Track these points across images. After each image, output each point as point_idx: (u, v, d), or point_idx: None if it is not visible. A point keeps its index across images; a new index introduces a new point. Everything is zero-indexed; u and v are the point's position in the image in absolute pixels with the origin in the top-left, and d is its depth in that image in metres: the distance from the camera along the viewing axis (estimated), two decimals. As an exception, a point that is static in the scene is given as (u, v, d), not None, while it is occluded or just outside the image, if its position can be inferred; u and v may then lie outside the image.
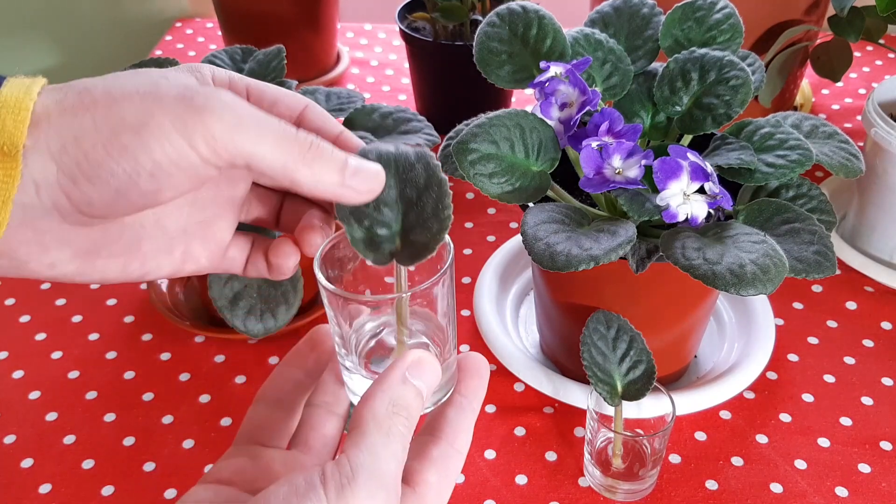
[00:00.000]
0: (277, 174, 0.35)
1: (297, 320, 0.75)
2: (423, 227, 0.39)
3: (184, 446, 0.68)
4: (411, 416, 0.37)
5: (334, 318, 0.40)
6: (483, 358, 0.43)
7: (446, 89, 1.03)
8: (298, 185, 0.36)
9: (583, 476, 0.66)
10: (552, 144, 0.58)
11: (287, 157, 0.35)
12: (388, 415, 0.36)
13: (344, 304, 0.39)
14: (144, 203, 0.35)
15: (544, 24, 0.63)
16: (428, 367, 0.38)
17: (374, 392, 0.37)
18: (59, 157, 0.33)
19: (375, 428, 0.35)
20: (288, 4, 1.08)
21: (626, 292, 0.64)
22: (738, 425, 0.70)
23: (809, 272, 0.53)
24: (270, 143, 0.35)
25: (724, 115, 0.60)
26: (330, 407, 0.44)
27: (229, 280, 0.70)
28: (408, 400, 0.37)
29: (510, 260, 0.82)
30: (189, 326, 0.76)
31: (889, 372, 0.74)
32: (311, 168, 0.36)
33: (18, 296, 0.83)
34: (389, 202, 0.39)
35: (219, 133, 0.33)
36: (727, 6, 0.65)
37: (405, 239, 0.39)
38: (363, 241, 0.39)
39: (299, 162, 0.35)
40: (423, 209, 0.39)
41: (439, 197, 0.39)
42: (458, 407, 0.41)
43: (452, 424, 0.40)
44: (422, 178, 0.39)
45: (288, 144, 0.35)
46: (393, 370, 0.38)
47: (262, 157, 0.35)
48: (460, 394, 0.41)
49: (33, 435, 0.70)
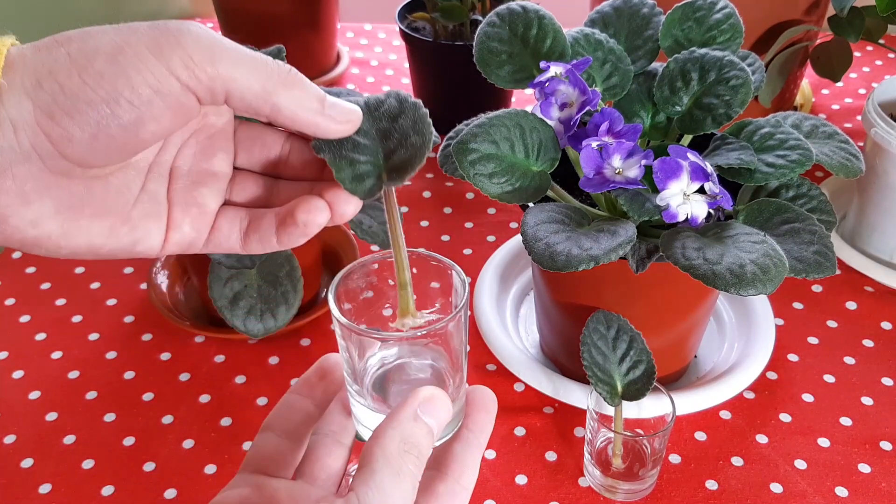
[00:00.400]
0: (258, 98, 0.35)
1: (297, 320, 0.75)
2: (405, 146, 0.38)
3: (184, 446, 0.68)
4: (422, 454, 0.37)
5: (346, 350, 0.40)
6: (491, 392, 0.42)
7: (446, 89, 1.03)
8: (279, 111, 0.35)
9: (583, 476, 0.66)
10: (552, 144, 0.58)
11: (267, 79, 0.35)
12: (399, 453, 0.36)
13: (357, 337, 0.39)
14: (126, 140, 0.34)
15: (544, 24, 0.63)
16: (439, 404, 0.38)
17: (385, 429, 0.37)
18: (35, 92, 0.32)
19: (386, 466, 0.35)
20: (288, 4, 1.08)
21: (626, 292, 0.64)
22: (738, 425, 0.70)
23: (809, 272, 0.53)
24: (249, 66, 0.34)
25: (724, 115, 0.60)
26: (336, 437, 0.44)
27: (229, 280, 0.70)
28: (418, 438, 0.37)
29: (510, 260, 0.82)
30: (189, 326, 0.76)
31: (889, 372, 0.74)
32: (291, 92, 0.35)
33: (18, 296, 0.83)
34: (366, 132, 0.39)
35: (196, 55, 0.33)
36: (727, 6, 0.65)
37: (390, 164, 0.38)
38: (349, 178, 0.38)
39: (279, 85, 0.35)
40: (402, 131, 0.38)
41: (416, 118, 0.38)
42: (465, 442, 0.41)
43: (459, 460, 0.40)
44: (394, 108, 0.39)
45: (266, 68, 0.35)
46: (404, 407, 0.37)
47: (241, 80, 0.34)
48: (468, 429, 0.41)
49: (33, 435, 0.70)
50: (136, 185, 0.37)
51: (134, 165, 0.37)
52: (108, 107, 0.32)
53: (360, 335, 0.38)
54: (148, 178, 0.37)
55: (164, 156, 0.38)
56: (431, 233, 0.90)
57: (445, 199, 0.94)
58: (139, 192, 0.37)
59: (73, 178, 0.34)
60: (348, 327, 0.38)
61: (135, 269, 0.86)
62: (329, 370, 0.45)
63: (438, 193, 0.95)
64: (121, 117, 0.32)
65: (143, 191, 0.37)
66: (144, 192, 0.37)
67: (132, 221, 0.37)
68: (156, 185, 0.38)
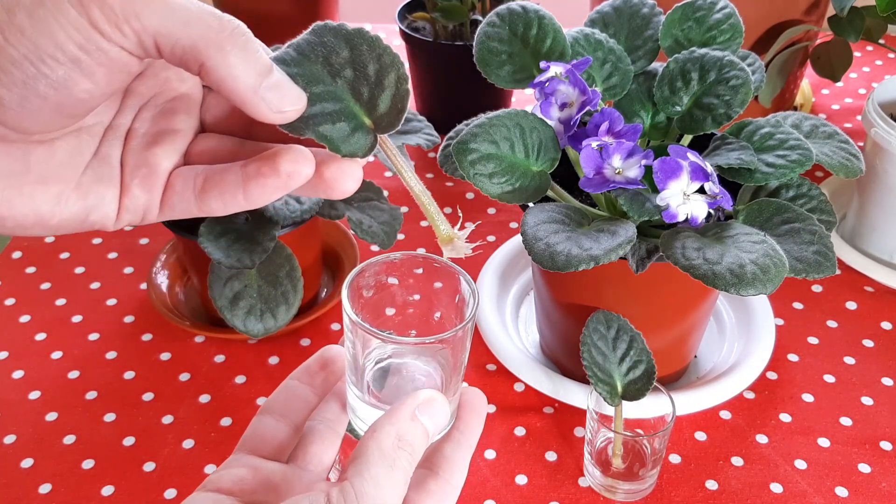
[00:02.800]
0: (186, 55, 0.31)
1: (297, 320, 0.75)
2: (378, 84, 0.35)
3: (184, 446, 0.68)
4: (415, 452, 0.37)
5: (351, 344, 0.40)
6: (482, 394, 0.43)
7: (446, 89, 1.03)
8: (207, 73, 0.31)
9: (583, 476, 0.66)
10: (552, 144, 0.58)
11: (200, 35, 0.31)
12: (394, 448, 0.36)
13: (365, 334, 0.39)
14: (60, 101, 0.31)
15: (544, 24, 0.63)
16: (438, 407, 0.38)
17: (383, 425, 0.37)
18: None
19: (380, 459, 0.36)
20: (288, 4, 1.08)
21: (626, 292, 0.64)
22: (738, 425, 0.70)
23: (809, 272, 0.53)
24: (180, 18, 0.31)
25: (724, 115, 0.60)
26: (331, 424, 0.44)
27: (229, 280, 0.70)
28: (414, 436, 0.37)
29: (510, 260, 0.82)
30: (189, 326, 0.76)
31: (889, 372, 0.74)
32: (225, 55, 0.31)
33: (18, 296, 0.83)
34: (323, 80, 0.35)
35: (118, 6, 0.30)
36: (727, 6, 0.65)
37: (375, 112, 0.35)
38: (337, 139, 0.34)
39: (212, 43, 0.31)
40: (364, 69, 0.35)
41: (371, 47, 0.35)
42: (455, 443, 0.41)
43: (449, 461, 0.40)
44: (342, 46, 0.35)
45: (202, 21, 0.31)
46: (403, 406, 0.38)
47: (169, 33, 0.31)
48: (458, 430, 0.41)
49: (33, 435, 0.70)
50: (88, 150, 0.35)
51: (88, 129, 0.35)
52: (32, 65, 0.30)
53: (373, 336, 0.38)
54: (103, 142, 0.35)
55: (120, 119, 0.36)
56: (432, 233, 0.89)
57: (445, 199, 0.94)
58: (91, 156, 0.35)
59: (11, 143, 0.33)
60: (361, 327, 0.38)
61: (135, 269, 0.86)
62: (331, 360, 0.45)
63: (438, 193, 0.95)
64: (48, 76, 0.30)
65: (96, 155, 0.35)
66: (97, 156, 0.35)
67: (83, 187, 0.34)
68: (110, 148, 0.35)
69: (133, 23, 0.30)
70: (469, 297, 0.40)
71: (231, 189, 0.35)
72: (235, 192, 0.35)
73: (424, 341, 0.39)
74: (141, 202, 0.35)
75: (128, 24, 0.30)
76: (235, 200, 0.35)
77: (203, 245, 0.67)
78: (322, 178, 0.35)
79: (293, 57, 0.34)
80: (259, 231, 0.69)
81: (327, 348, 0.45)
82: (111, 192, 0.35)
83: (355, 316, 0.38)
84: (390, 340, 0.39)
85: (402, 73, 0.35)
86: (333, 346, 0.45)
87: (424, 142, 0.71)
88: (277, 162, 0.34)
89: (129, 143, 0.36)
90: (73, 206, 0.34)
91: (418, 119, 0.73)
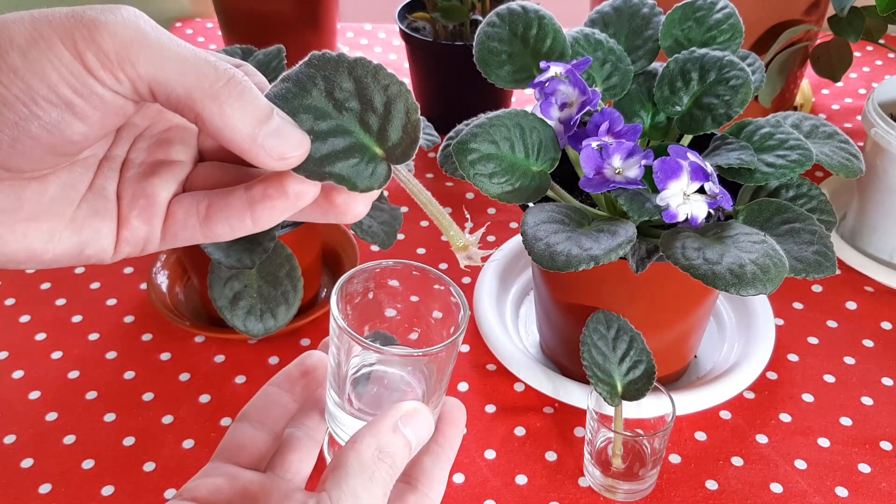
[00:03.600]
0: (181, 105, 0.31)
1: (297, 320, 0.75)
2: (387, 116, 0.34)
3: (184, 446, 0.68)
4: (395, 465, 0.37)
5: (336, 353, 0.39)
6: (461, 405, 0.42)
7: (446, 89, 1.03)
8: (203, 123, 0.31)
9: (583, 476, 0.66)
10: (552, 144, 0.58)
11: (195, 85, 0.30)
12: (374, 460, 0.36)
13: (349, 340, 0.38)
14: (53, 142, 0.30)
15: (544, 24, 0.63)
16: (421, 419, 0.38)
17: (363, 435, 0.36)
18: None
19: (360, 470, 0.35)
20: (288, 4, 1.08)
21: (626, 292, 0.64)
22: (738, 425, 0.70)
23: (809, 272, 0.53)
24: (175, 66, 0.30)
25: (724, 115, 0.60)
26: (310, 432, 0.44)
27: (229, 280, 0.70)
28: (395, 448, 0.37)
29: (510, 260, 0.82)
30: (189, 326, 0.76)
31: (889, 372, 0.74)
32: (220, 106, 0.31)
33: (18, 296, 0.83)
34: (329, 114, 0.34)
35: (113, 52, 0.29)
36: (727, 6, 0.65)
37: (387, 142, 0.34)
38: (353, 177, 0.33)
39: (207, 94, 0.30)
40: (371, 101, 0.34)
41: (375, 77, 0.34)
42: (434, 456, 0.41)
43: (428, 474, 0.40)
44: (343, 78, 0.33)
45: (197, 71, 0.30)
46: (385, 417, 0.37)
47: (164, 82, 0.30)
48: (437, 443, 0.41)
49: (33, 435, 0.70)
50: (82, 183, 0.34)
51: (82, 162, 0.34)
52: (25, 106, 0.29)
53: (360, 345, 0.38)
54: (98, 175, 0.35)
55: (116, 150, 0.35)
56: (431, 233, 0.90)
57: (445, 199, 0.94)
58: (86, 190, 0.34)
59: (2, 181, 0.32)
60: (348, 334, 0.37)
61: (135, 269, 0.86)
62: (312, 367, 0.44)
63: (438, 193, 0.95)
64: (41, 117, 0.30)
65: (90, 188, 0.34)
66: (92, 189, 0.34)
67: (77, 222, 0.34)
68: (106, 181, 0.35)
69: (128, 69, 0.30)
70: (458, 310, 0.39)
71: (237, 213, 0.34)
72: (243, 217, 0.34)
73: (413, 354, 0.38)
74: (141, 234, 0.35)
75: (122, 71, 0.30)
76: (243, 224, 0.34)
77: (203, 245, 0.67)
78: (333, 204, 0.35)
79: (294, 92, 0.33)
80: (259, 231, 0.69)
81: (308, 354, 0.45)
82: (107, 225, 0.34)
83: (343, 323, 0.38)
84: (377, 351, 0.38)
85: (411, 103, 0.34)
86: (315, 353, 0.45)
87: (424, 142, 0.71)
88: (284, 183, 0.33)
89: (124, 175, 0.35)
90: (67, 241, 0.34)
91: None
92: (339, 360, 0.40)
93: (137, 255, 0.35)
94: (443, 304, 0.41)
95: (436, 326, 0.42)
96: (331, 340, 0.40)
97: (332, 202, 0.35)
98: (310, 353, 0.45)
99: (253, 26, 1.09)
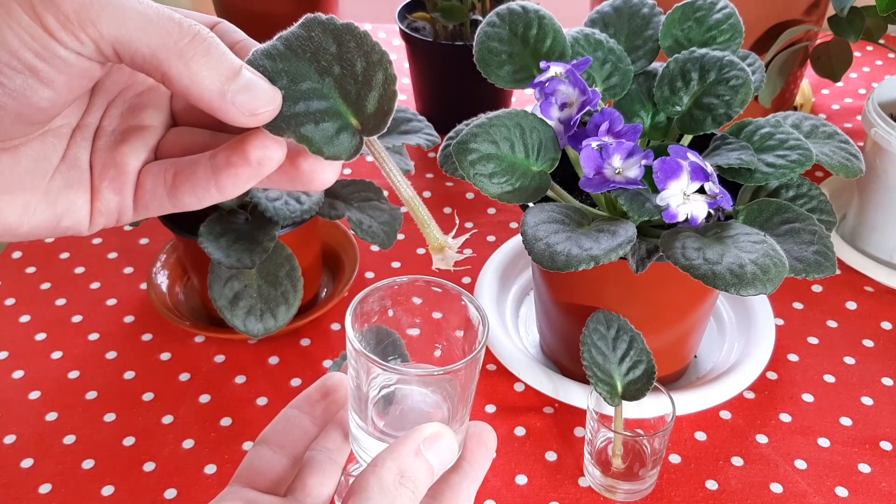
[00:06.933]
0: (147, 64, 0.30)
1: (297, 320, 0.75)
2: (366, 83, 0.33)
3: (184, 446, 0.68)
4: (418, 490, 0.36)
5: (355, 374, 0.38)
6: (491, 429, 0.41)
7: (446, 89, 1.03)
8: (170, 83, 0.30)
9: (583, 476, 0.66)
10: (552, 144, 0.58)
11: (158, 43, 0.29)
12: (395, 485, 0.35)
13: (367, 362, 0.37)
14: (20, 110, 0.30)
15: (544, 24, 0.63)
16: (444, 443, 0.37)
17: (384, 459, 0.35)
18: None
19: (381, 495, 0.34)
20: (288, 4, 1.08)
21: (626, 292, 0.64)
22: (738, 425, 0.70)
23: (809, 272, 0.53)
24: (138, 24, 0.29)
25: (724, 115, 0.60)
26: (331, 455, 0.42)
27: (229, 280, 0.70)
28: (417, 473, 0.36)
29: (510, 260, 0.82)
30: (189, 326, 0.76)
31: (889, 372, 0.74)
32: (187, 63, 0.30)
33: (18, 296, 0.83)
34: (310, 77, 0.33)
35: (72, 11, 0.28)
36: (727, 6, 0.65)
37: (363, 112, 0.33)
38: (319, 140, 0.32)
39: (173, 52, 0.30)
40: (352, 67, 0.33)
41: (359, 43, 0.33)
42: (462, 474, 0.39)
43: (455, 492, 0.39)
44: (329, 42, 0.33)
45: (161, 28, 0.30)
46: (408, 440, 0.36)
47: (128, 41, 0.29)
48: (466, 461, 0.40)
49: (33, 435, 0.70)
50: (55, 154, 0.33)
51: (54, 132, 0.33)
52: None
53: (378, 367, 0.36)
54: (70, 144, 0.34)
55: (88, 118, 0.34)
56: (431, 233, 0.90)
57: (445, 199, 0.94)
58: (59, 160, 0.33)
59: None
60: (365, 356, 0.36)
61: (135, 269, 0.86)
62: (332, 389, 0.43)
63: (438, 193, 0.95)
64: (5, 84, 0.29)
65: (63, 159, 0.33)
66: (65, 160, 0.33)
67: (51, 195, 0.33)
68: (79, 150, 0.34)
69: (89, 30, 0.29)
70: (478, 325, 0.38)
71: (202, 183, 0.33)
72: (207, 186, 0.33)
73: (433, 373, 0.37)
74: (113, 205, 0.34)
75: (84, 32, 0.29)
76: (208, 194, 0.33)
77: (203, 245, 0.67)
78: (299, 170, 0.34)
79: (280, 51, 0.33)
80: (259, 231, 0.69)
81: (328, 376, 0.44)
82: (82, 196, 0.34)
83: (359, 345, 0.37)
84: (396, 371, 0.37)
85: (389, 73, 0.33)
86: (336, 374, 0.44)
87: (424, 142, 0.71)
88: (246, 150, 0.32)
89: (97, 143, 0.34)
90: (42, 214, 0.33)
91: (418, 119, 0.73)
92: (357, 383, 0.39)
93: (113, 225, 0.35)
94: (461, 318, 0.40)
95: (457, 342, 0.41)
96: (349, 363, 0.39)
97: (298, 168, 0.34)
98: (330, 375, 0.44)
99: (253, 26, 1.09)
